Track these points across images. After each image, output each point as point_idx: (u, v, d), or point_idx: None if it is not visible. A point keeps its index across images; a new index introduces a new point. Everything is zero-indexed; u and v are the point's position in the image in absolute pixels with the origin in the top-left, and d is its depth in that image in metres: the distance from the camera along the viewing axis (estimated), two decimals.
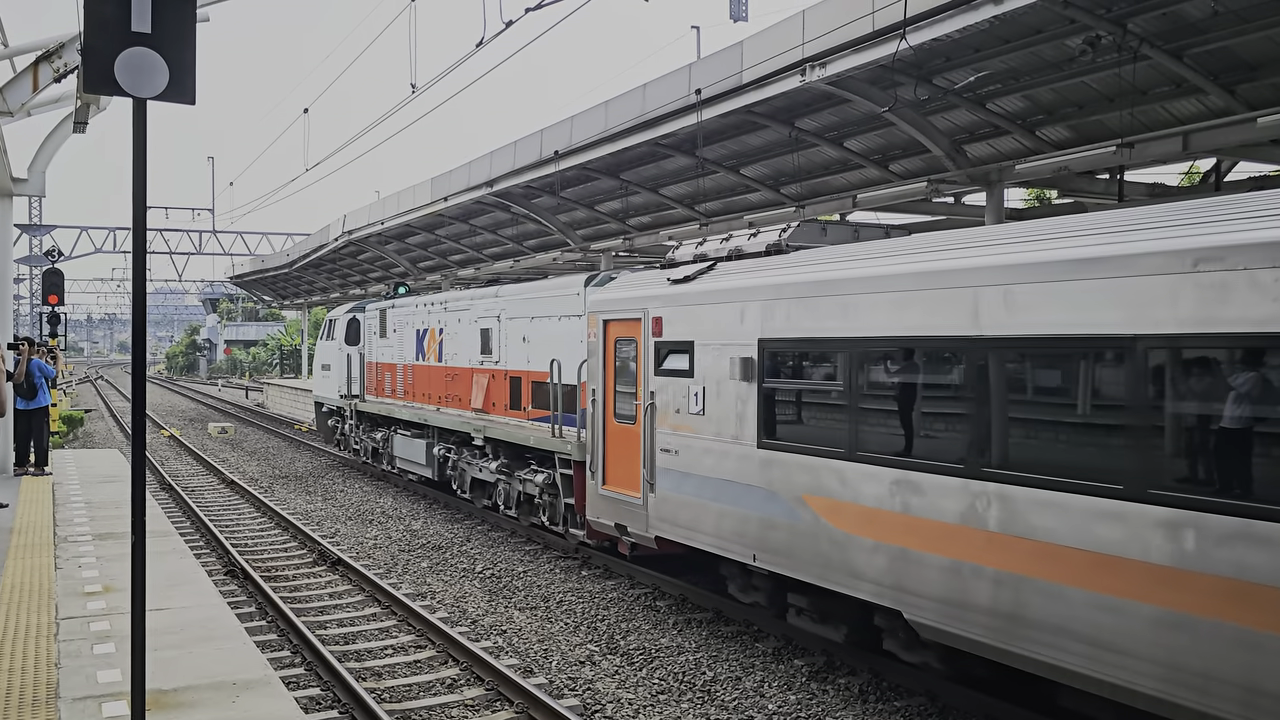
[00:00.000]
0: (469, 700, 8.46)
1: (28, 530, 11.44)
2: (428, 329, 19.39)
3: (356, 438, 23.14)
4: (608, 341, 11.79)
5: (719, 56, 14.13)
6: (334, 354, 24.12)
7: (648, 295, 11.10)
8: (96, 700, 6.13)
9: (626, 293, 11.64)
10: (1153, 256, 5.94)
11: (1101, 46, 10.89)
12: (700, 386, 10.04)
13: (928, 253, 7.85)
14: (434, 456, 18.25)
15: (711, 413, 9.86)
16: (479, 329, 17.02)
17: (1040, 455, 6.77)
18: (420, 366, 19.70)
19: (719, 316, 9.84)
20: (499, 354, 16.31)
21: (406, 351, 20.50)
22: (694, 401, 10.14)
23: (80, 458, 20.00)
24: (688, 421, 10.23)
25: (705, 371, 9.98)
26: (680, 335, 10.42)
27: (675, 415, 10.41)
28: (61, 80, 11.63)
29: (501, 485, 15.70)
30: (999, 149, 14.40)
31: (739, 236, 10.59)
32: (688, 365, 10.26)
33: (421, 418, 18.80)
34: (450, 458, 17.71)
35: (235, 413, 43.27)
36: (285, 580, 12.83)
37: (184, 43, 4.77)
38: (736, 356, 9.47)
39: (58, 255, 35.17)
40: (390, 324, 21.46)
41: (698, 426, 10.08)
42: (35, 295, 50.96)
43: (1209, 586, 5.61)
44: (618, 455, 11.59)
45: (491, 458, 15.96)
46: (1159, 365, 5.97)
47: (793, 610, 9.54)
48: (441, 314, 18.76)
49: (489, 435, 15.73)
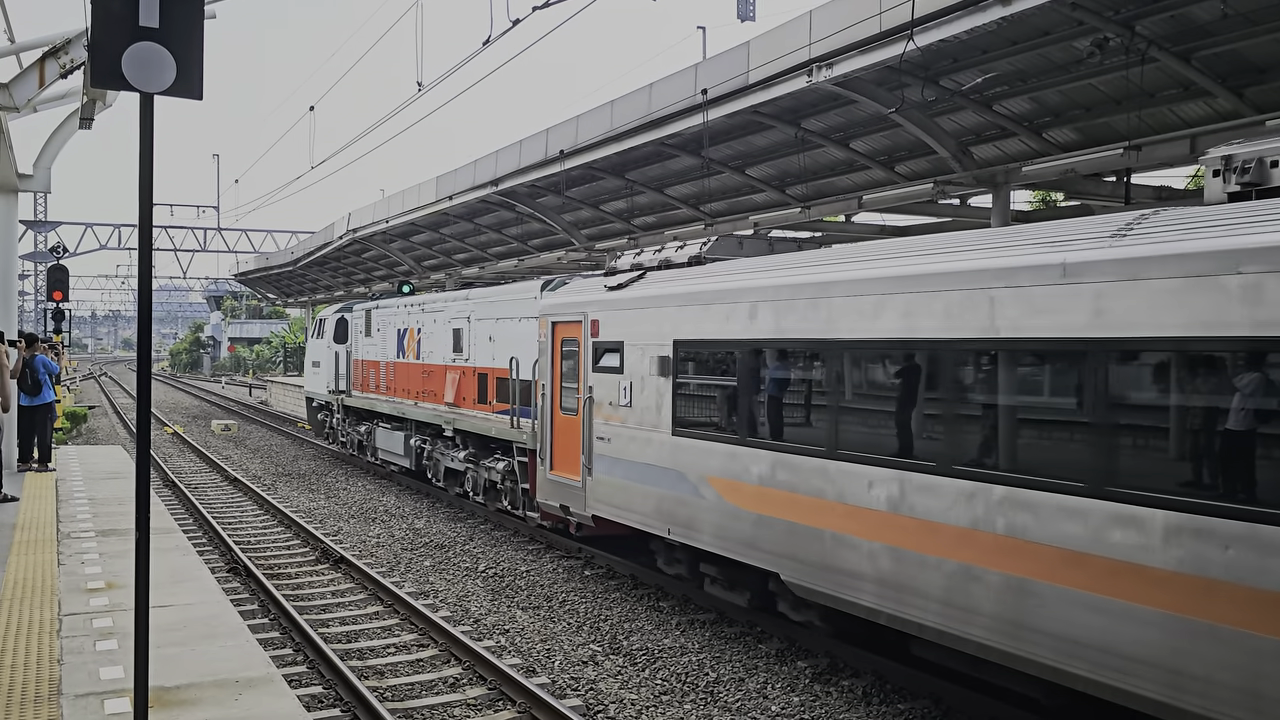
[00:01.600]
0: (471, 699, 8.44)
1: (31, 526, 11.44)
2: (407, 329, 20.75)
3: (343, 431, 24.59)
4: (555, 341, 13.14)
5: (725, 56, 14.09)
6: (323, 352, 25.61)
7: (587, 300, 12.44)
8: (99, 697, 6.12)
9: (571, 298, 13.06)
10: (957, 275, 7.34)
11: (1109, 49, 10.84)
12: (628, 382, 11.38)
13: (801, 267, 9.19)
14: (411, 447, 19.71)
15: (637, 405, 11.18)
16: (451, 329, 18.34)
17: (873, 439, 8.08)
18: (400, 364, 21.03)
19: (644, 320, 11.16)
20: (468, 352, 17.61)
21: (388, 349, 21.80)
22: (623, 395, 11.47)
23: (83, 454, 20.00)
24: (618, 413, 11.57)
25: (632, 368, 11.29)
26: (613, 336, 11.72)
27: (609, 407, 11.75)
28: (68, 76, 11.61)
29: (470, 473, 17.11)
30: (1005, 151, 14.36)
31: (669, 248, 11.84)
32: (619, 363, 11.57)
33: (400, 411, 20.22)
34: (425, 448, 19.20)
35: (238, 410, 43.31)
36: (288, 578, 12.82)
37: (191, 38, 4.76)
38: (656, 355, 10.84)
39: (63, 251, 35.16)
40: (374, 324, 22.80)
41: (626, 417, 11.39)
42: (40, 291, 50.98)
43: (991, 543, 6.94)
44: (563, 443, 12.88)
45: (461, 448, 17.49)
46: (963, 363, 7.37)
47: (707, 579, 10.75)
48: (419, 315, 20.12)
49: (458, 427, 17.32)
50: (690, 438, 10.24)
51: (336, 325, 24.84)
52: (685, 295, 10.48)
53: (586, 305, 12.40)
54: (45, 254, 37.08)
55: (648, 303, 11.17)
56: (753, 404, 9.38)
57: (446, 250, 32.42)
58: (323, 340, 25.85)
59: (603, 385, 11.85)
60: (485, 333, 16.90)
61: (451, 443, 17.99)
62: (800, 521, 8.67)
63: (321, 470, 23.49)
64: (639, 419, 11.13)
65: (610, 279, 12.38)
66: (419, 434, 19.62)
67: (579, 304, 12.64)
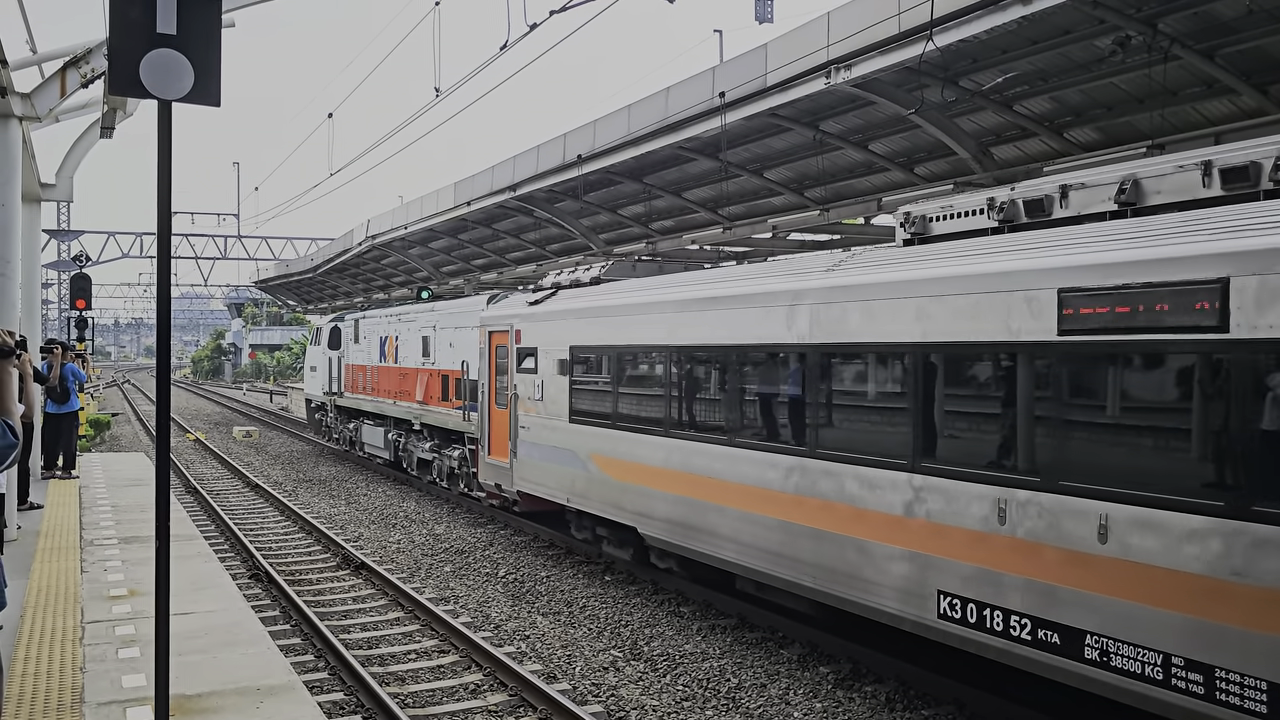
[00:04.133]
0: (492, 706, 8.41)
1: (54, 533, 11.50)
2: (388, 336, 23.30)
3: (336, 428, 27.40)
4: (491, 347, 15.57)
5: (743, 59, 14.05)
6: (320, 357, 28.36)
7: (514, 313, 14.84)
8: (121, 705, 6.13)
9: (502, 311, 15.52)
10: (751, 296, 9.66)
11: (1131, 47, 10.73)
12: (541, 380, 13.74)
13: (656, 288, 11.63)
14: (390, 441, 22.49)
15: (546, 398, 13.59)
16: (421, 336, 21.00)
17: (694, 421, 10.64)
18: (382, 367, 23.63)
19: (552, 330, 13.56)
20: (434, 356, 20.25)
21: (373, 355, 24.38)
22: (537, 391, 13.83)
23: (107, 461, 20.13)
24: (534, 406, 13.94)
25: (543, 369, 13.67)
26: (531, 343, 14.11)
27: (528, 401, 14.13)
28: (89, 85, 11.68)
29: (435, 461, 19.81)
30: (1026, 151, 14.26)
31: (580, 270, 14.29)
32: (535, 365, 13.95)
33: (381, 409, 23.01)
34: (401, 441, 21.95)
35: (259, 416, 43.52)
36: (309, 584, 12.85)
37: (209, 44, 4.76)
38: (559, 358, 13.27)
39: (85, 260, 35.48)
40: (362, 332, 25.35)
41: (539, 409, 13.80)
42: (63, 300, 51.43)
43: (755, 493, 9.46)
44: (497, 432, 15.33)
45: (428, 439, 20.21)
46: (756, 363, 9.80)
47: (604, 541, 12.93)
48: (398, 324, 22.79)
49: (425, 421, 20.23)
50: (581, 423, 12.69)
51: (331, 333, 27.51)
52: (578, 310, 12.96)
53: (513, 317, 14.80)
54: (68, 263, 37.42)
55: (554, 316, 13.57)
56: (618, 396, 11.96)
57: (465, 256, 32.48)
58: (319, 347, 28.52)
59: (524, 383, 14.25)
60: (447, 339, 19.51)
61: (421, 435, 20.63)
62: (648, 486, 11.29)
63: (342, 476, 23.56)
64: (548, 410, 13.54)
65: (532, 295, 14.93)
66: (396, 429, 22.30)
67: (508, 316, 15.05)
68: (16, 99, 11.19)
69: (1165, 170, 6.78)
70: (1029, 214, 7.71)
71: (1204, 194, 6.53)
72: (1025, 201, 7.74)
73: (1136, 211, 6.90)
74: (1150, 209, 6.80)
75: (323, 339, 28.23)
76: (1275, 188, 6.11)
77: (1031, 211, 7.69)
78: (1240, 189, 6.30)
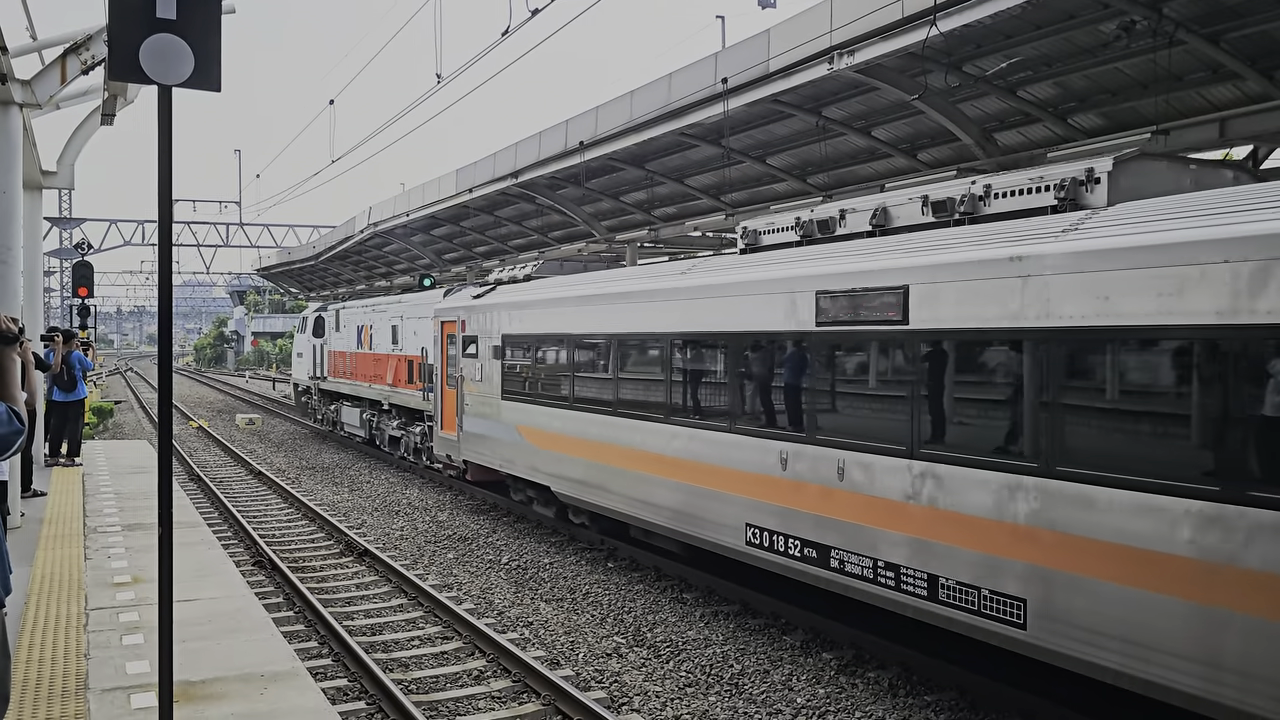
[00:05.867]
0: (496, 692, 8.43)
1: (58, 521, 11.53)
2: (364, 325, 25.49)
3: (319, 409, 29.81)
4: (443, 335, 17.67)
5: (746, 45, 13.98)
6: (305, 344, 30.89)
7: (461, 306, 17.01)
8: (125, 691, 6.14)
9: (453, 303, 17.70)
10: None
11: (1136, 31, 10.66)
12: (481, 364, 15.86)
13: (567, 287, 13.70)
14: (365, 420, 24.91)
15: (484, 379, 15.72)
16: (391, 325, 23.17)
17: (590, 396, 12.61)
18: (359, 353, 25.81)
19: (489, 320, 15.64)
20: (402, 344, 22.33)
21: (351, 342, 26.57)
22: (478, 373, 15.96)
23: (110, 449, 20.16)
24: (476, 386, 16.02)
25: (483, 354, 15.82)
26: (473, 331, 16.21)
27: (471, 382, 16.23)
28: (89, 72, 11.62)
29: (403, 438, 22.02)
30: (1030, 137, 14.19)
31: (517, 268, 16.45)
32: (476, 351, 16.06)
33: (358, 392, 25.29)
34: (374, 421, 24.19)
35: (262, 404, 43.56)
36: (312, 571, 12.87)
37: (209, 29, 4.73)
38: (493, 345, 15.42)
39: (87, 248, 35.42)
40: (342, 321, 27.55)
41: (479, 389, 15.91)
42: (65, 288, 51.43)
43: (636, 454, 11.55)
44: (448, 410, 17.48)
45: (396, 418, 22.46)
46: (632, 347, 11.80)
47: (534, 501, 15.11)
48: (372, 314, 25.07)
49: (393, 402, 22.53)
50: (510, 400, 14.83)
51: (315, 322, 29.85)
52: (508, 304, 15.07)
53: (460, 309, 16.96)
54: (70, 250, 37.37)
55: (492, 308, 15.60)
56: (536, 376, 14.14)
57: (467, 243, 32.44)
58: (305, 335, 30.95)
59: (468, 366, 16.35)
60: (412, 329, 21.59)
61: (390, 415, 22.89)
62: (559, 451, 13.34)
63: (345, 464, 23.58)
64: (486, 389, 15.63)
65: (477, 289, 17.18)
66: (370, 409, 24.58)
67: (456, 308, 17.17)
68: (17, 86, 11.14)
69: (901, 202, 8.82)
70: (820, 231, 9.65)
71: (921, 220, 8.56)
72: (817, 221, 9.67)
73: (884, 232, 8.89)
74: (892, 230, 8.81)
75: (308, 327, 30.43)
76: (962, 216, 8.16)
77: (822, 229, 9.62)
78: (943, 217, 8.34)
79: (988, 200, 8.03)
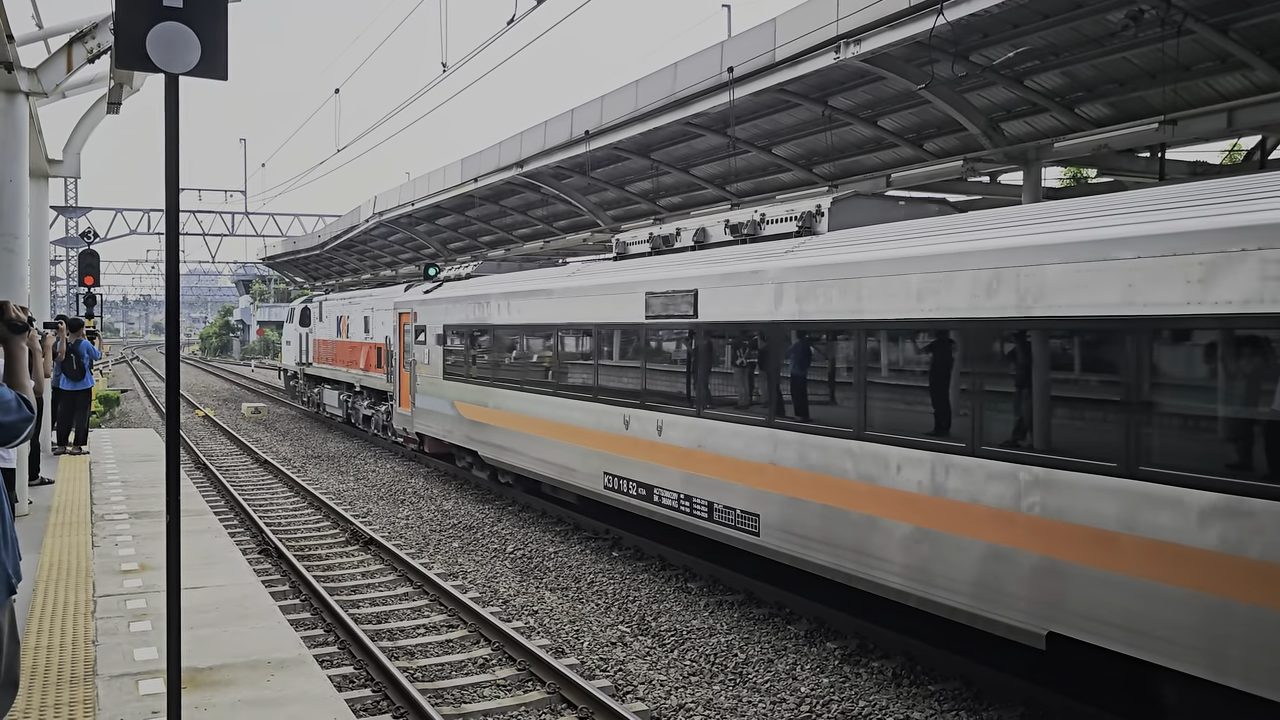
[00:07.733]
0: (501, 680, 8.46)
1: (66, 509, 11.57)
2: (343, 315, 28.22)
3: (305, 393, 33.18)
4: (401, 325, 20.56)
5: (751, 34, 13.94)
6: (293, 333, 34.01)
7: (415, 300, 19.85)
8: (133, 678, 6.17)
9: (408, 297, 20.61)
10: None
11: (1144, 21, 10.62)
12: (428, 350, 18.66)
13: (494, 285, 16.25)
14: (342, 401, 27.93)
15: (431, 362, 18.51)
16: (364, 316, 26.03)
17: (506, 375, 15.28)
18: (338, 341, 28.54)
19: (435, 312, 18.43)
20: (373, 332, 25.07)
21: (331, 331, 29.35)
22: (426, 357, 18.77)
23: (117, 437, 20.22)
24: (425, 368, 18.85)
25: (430, 341, 18.61)
26: (423, 322, 19.04)
27: (421, 365, 19.05)
28: (95, 61, 11.61)
29: (374, 416, 24.99)
30: (1037, 127, 14.15)
31: (460, 266, 19.44)
32: (425, 338, 18.87)
33: (337, 376, 28.25)
34: (350, 401, 27.24)
35: (268, 393, 43.62)
36: (318, 559, 12.91)
37: (216, 17, 4.72)
38: (437, 333, 18.23)
39: (93, 237, 35.47)
40: (325, 311, 30.38)
41: (427, 371, 18.74)
42: (72, 277, 51.46)
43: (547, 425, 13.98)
44: (404, 389, 20.31)
45: (367, 398, 25.60)
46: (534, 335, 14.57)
47: (473, 466, 17.42)
48: (349, 306, 27.99)
49: (364, 384, 25.68)
50: (449, 380, 17.54)
51: (302, 313, 32.81)
52: (448, 298, 17.87)
53: (413, 303, 19.85)
54: (76, 239, 37.40)
55: (437, 301, 18.42)
56: (469, 359, 16.78)
57: (472, 233, 32.43)
58: (293, 324, 33.94)
59: (419, 352, 19.16)
60: (380, 319, 24.14)
61: (362, 396, 26.05)
62: (484, 421, 16.03)
63: (350, 453, 23.64)
64: (432, 371, 18.44)
65: (428, 285, 20.12)
66: (346, 391, 27.52)
67: (411, 301, 20.09)
68: (23, 74, 11.14)
69: (714, 224, 11.30)
70: (665, 244, 12.13)
71: (725, 239, 11.06)
72: (662, 237, 12.20)
73: (703, 246, 11.36)
74: (710, 245, 11.27)
75: (295, 317, 33.56)
76: (747, 237, 10.63)
77: (666, 243, 12.11)
78: (739, 237, 10.82)
79: (764, 225, 10.44)
